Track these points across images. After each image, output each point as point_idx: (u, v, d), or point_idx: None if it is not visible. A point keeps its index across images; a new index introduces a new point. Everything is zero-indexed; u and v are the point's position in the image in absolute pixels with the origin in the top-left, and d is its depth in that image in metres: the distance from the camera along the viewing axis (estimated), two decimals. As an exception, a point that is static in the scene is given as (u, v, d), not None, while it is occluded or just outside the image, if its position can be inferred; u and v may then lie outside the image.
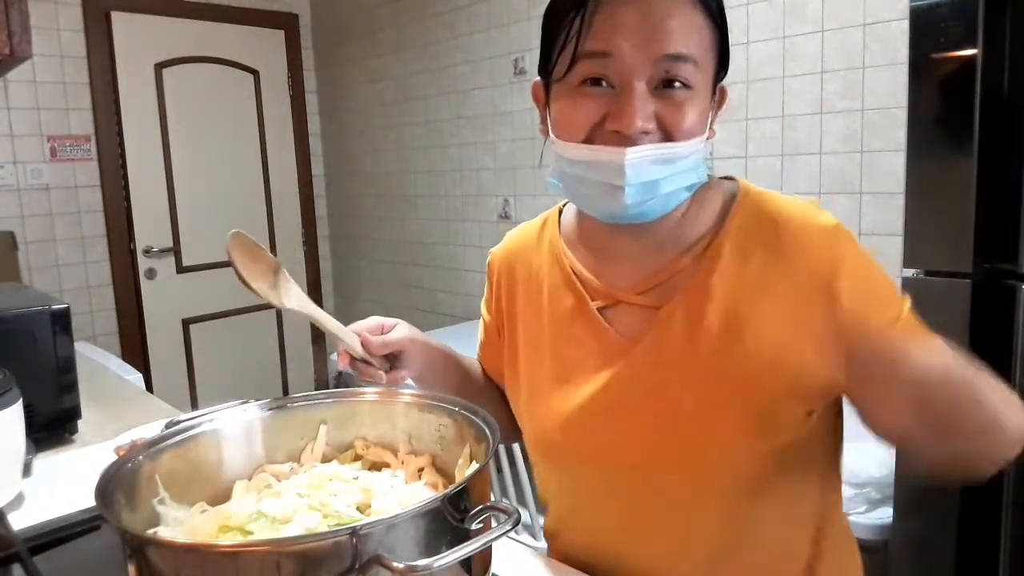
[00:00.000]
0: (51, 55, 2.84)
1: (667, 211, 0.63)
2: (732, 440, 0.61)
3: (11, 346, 1.00)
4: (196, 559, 0.45)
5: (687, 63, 0.57)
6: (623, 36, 0.57)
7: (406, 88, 3.10)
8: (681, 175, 0.60)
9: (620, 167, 0.58)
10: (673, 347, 0.63)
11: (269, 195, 3.47)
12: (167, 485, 0.58)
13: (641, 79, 0.57)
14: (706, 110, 0.61)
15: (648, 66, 0.57)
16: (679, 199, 0.63)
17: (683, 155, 0.59)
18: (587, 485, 0.71)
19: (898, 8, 1.68)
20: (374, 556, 0.42)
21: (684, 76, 0.57)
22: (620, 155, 0.57)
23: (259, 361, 3.47)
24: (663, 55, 0.57)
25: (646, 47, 0.57)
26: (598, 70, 0.59)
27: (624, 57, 0.57)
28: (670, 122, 0.58)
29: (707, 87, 0.60)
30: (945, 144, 1.19)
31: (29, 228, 2.85)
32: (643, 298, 0.66)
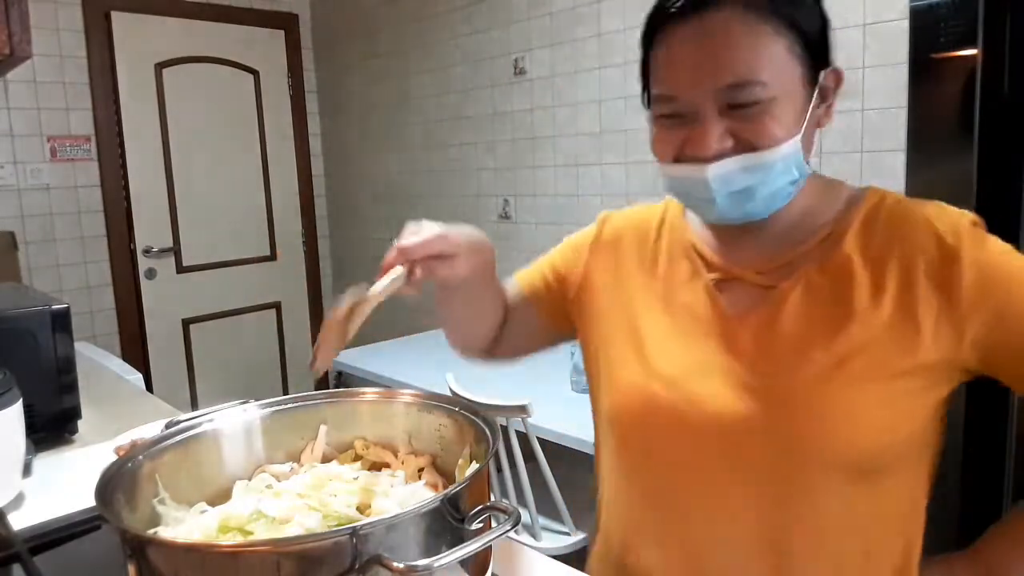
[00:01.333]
0: (51, 55, 2.84)
1: (776, 208, 0.65)
2: (843, 419, 0.61)
3: (11, 346, 1.00)
4: (196, 559, 0.45)
5: (750, 87, 0.59)
6: (682, 76, 0.61)
7: (406, 88, 3.10)
8: (780, 176, 0.62)
9: (705, 181, 0.62)
10: (785, 325, 0.64)
11: (269, 195, 3.47)
12: (167, 485, 0.59)
13: (708, 109, 0.61)
14: (798, 108, 0.62)
15: (710, 98, 0.60)
16: (785, 195, 0.65)
17: (774, 159, 0.61)
18: (672, 466, 0.68)
19: (898, 8, 1.68)
20: (374, 556, 0.42)
21: (750, 98, 0.60)
22: (702, 171, 0.62)
23: (259, 361, 3.47)
24: (722, 87, 0.60)
25: (704, 83, 0.60)
26: (667, 109, 0.64)
27: (685, 96, 0.61)
28: (748, 136, 0.61)
29: (794, 88, 0.61)
30: (945, 144, 1.19)
31: (29, 228, 2.85)
32: (760, 277, 0.68)
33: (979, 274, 0.60)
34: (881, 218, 0.65)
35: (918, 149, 1.21)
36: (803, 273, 0.65)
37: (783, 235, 0.68)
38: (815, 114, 0.64)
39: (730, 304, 0.68)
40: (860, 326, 0.62)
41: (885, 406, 0.61)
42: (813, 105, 0.63)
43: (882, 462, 0.63)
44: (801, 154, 0.63)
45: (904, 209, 0.65)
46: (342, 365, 2.33)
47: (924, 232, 0.62)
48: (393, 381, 2.10)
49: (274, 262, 3.51)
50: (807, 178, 0.66)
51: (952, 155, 1.18)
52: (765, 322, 0.66)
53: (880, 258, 0.63)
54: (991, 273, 0.60)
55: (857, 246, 0.64)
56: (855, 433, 0.61)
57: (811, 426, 0.61)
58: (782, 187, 0.63)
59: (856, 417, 0.61)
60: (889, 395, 0.61)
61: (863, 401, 0.61)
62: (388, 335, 2.88)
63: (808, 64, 0.62)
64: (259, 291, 3.46)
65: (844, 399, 0.61)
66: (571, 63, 2.43)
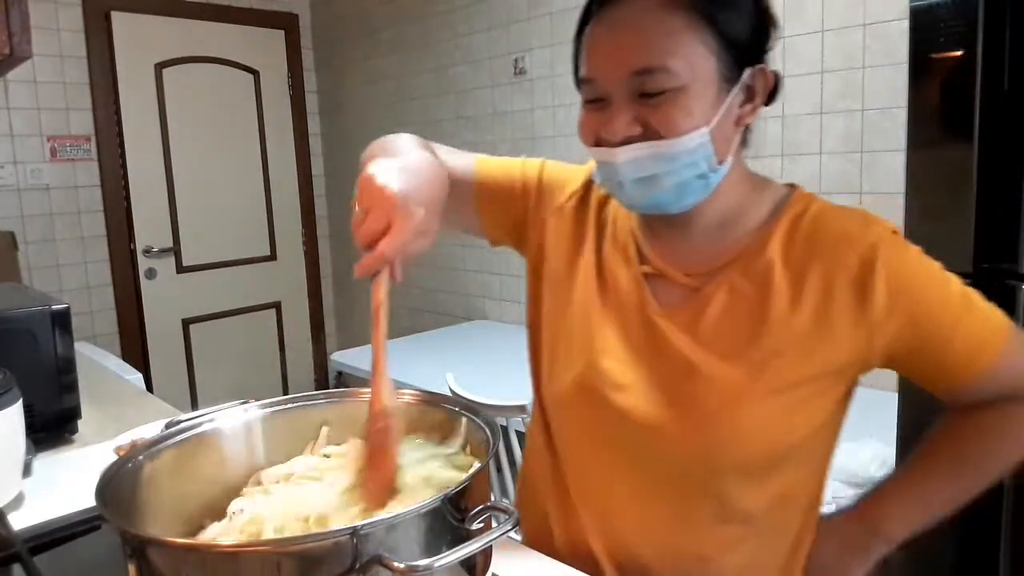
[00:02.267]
0: (51, 55, 2.84)
1: (688, 201, 0.67)
2: (754, 428, 0.65)
3: (11, 346, 1.00)
4: (197, 559, 0.45)
5: (657, 73, 0.62)
6: (599, 60, 0.65)
7: (406, 88, 3.10)
8: (685, 168, 0.64)
9: (615, 166, 0.65)
10: (707, 328, 0.67)
11: (269, 195, 3.47)
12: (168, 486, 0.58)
13: (619, 94, 0.64)
14: (709, 102, 0.63)
15: (621, 83, 0.63)
16: (695, 189, 0.66)
17: (678, 150, 0.62)
18: (598, 454, 0.73)
19: (898, 8, 1.68)
20: (375, 556, 0.42)
21: (657, 86, 0.62)
22: (612, 155, 0.65)
23: (259, 361, 3.47)
24: (629, 72, 0.63)
25: (616, 68, 0.63)
26: (590, 92, 0.67)
27: (601, 80, 0.65)
28: (654, 124, 0.63)
29: (706, 82, 0.63)
30: (945, 144, 1.19)
31: (29, 228, 2.85)
32: (687, 279, 0.70)
33: (894, 282, 0.63)
34: (804, 227, 0.67)
35: (918, 149, 1.21)
36: (727, 278, 0.68)
37: (710, 235, 0.70)
38: (735, 111, 0.65)
39: (658, 300, 0.71)
40: (777, 334, 0.65)
41: (794, 411, 0.65)
42: (734, 103, 0.65)
43: (788, 457, 0.67)
44: (710, 147, 0.64)
45: (827, 218, 0.67)
46: (342, 365, 2.34)
47: (844, 243, 0.65)
48: (393, 381, 2.10)
49: (274, 262, 3.51)
50: (732, 177, 0.68)
51: (952, 155, 1.18)
52: (688, 323, 0.68)
53: (801, 267, 0.65)
54: (905, 281, 0.64)
55: (780, 253, 0.67)
56: (765, 440, 0.65)
57: (723, 436, 0.65)
58: (689, 180, 0.65)
59: (768, 426, 0.65)
60: (799, 400, 0.65)
61: (775, 409, 0.65)
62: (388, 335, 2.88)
63: (727, 61, 0.63)
64: (259, 291, 3.47)
65: (758, 410, 0.65)
66: (571, 63, 2.42)
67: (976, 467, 0.73)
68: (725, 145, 0.65)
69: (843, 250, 0.64)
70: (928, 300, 0.65)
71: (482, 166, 0.82)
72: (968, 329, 0.66)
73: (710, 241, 0.70)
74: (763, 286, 0.66)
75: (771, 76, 0.67)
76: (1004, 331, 0.67)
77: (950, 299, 0.66)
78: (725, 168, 0.66)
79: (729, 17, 0.63)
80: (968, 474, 0.73)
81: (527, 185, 0.81)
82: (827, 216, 0.67)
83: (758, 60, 0.66)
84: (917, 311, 0.64)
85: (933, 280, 0.66)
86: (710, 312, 0.67)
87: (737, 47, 0.64)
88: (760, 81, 0.66)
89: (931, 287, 0.66)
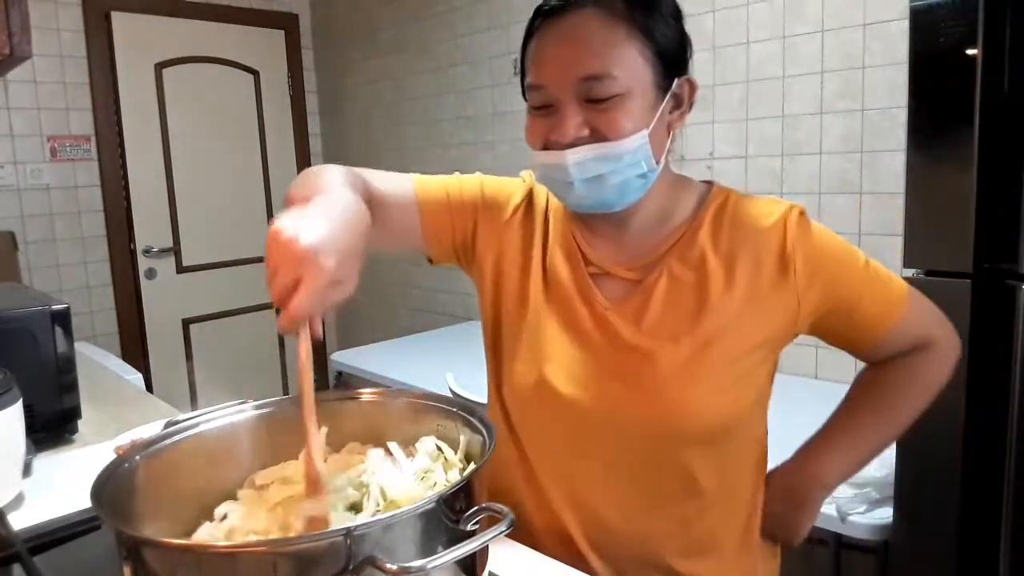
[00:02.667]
0: (51, 55, 2.85)
1: (628, 199, 0.73)
2: (704, 400, 0.71)
3: (11, 346, 1.01)
4: (192, 560, 0.45)
5: (603, 79, 0.67)
6: (548, 68, 0.70)
7: (406, 88, 3.10)
8: (628, 167, 0.70)
9: (565, 167, 0.70)
10: (653, 314, 0.74)
11: (269, 195, 3.47)
12: (165, 486, 0.58)
13: (568, 99, 0.69)
14: (647, 107, 0.70)
15: (570, 89, 0.68)
16: (635, 188, 0.72)
17: (622, 151, 0.69)
18: (562, 444, 0.77)
19: (898, 8, 1.68)
20: (368, 557, 0.42)
21: (603, 92, 0.67)
22: (562, 157, 0.70)
23: (259, 361, 3.47)
24: (578, 78, 0.68)
25: (565, 74, 0.68)
26: (539, 99, 0.72)
27: (550, 86, 0.70)
28: (601, 127, 0.68)
29: (644, 88, 0.69)
30: (945, 144, 1.19)
31: (29, 228, 2.86)
32: (630, 273, 0.77)
33: (809, 256, 0.73)
34: (727, 215, 0.76)
35: (918, 149, 1.21)
36: (666, 267, 0.75)
37: (645, 231, 0.77)
38: (666, 117, 0.72)
39: (605, 297, 0.77)
40: (717, 313, 0.72)
41: (738, 381, 0.73)
42: (665, 108, 0.71)
43: (736, 425, 0.75)
44: (649, 149, 0.70)
45: (746, 206, 0.76)
46: (342, 365, 2.34)
47: (764, 227, 0.74)
48: (393, 381, 2.10)
49: (274, 262, 3.51)
50: (664, 177, 0.75)
51: (952, 155, 1.18)
52: (635, 313, 0.75)
53: (729, 250, 0.74)
54: (818, 254, 0.74)
55: (709, 240, 0.75)
56: (716, 411, 0.72)
57: (679, 410, 0.71)
58: (631, 179, 0.71)
59: (717, 397, 0.72)
60: (741, 371, 0.73)
61: (723, 381, 0.72)
62: (388, 335, 2.88)
63: (660, 70, 0.70)
64: (259, 291, 3.46)
65: (707, 384, 0.72)
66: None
67: (892, 414, 0.83)
68: (660, 147, 0.72)
69: (764, 232, 0.73)
70: (838, 268, 0.75)
71: (422, 188, 0.83)
72: (875, 293, 0.76)
73: (646, 236, 0.77)
74: (699, 271, 0.74)
75: (694, 84, 0.74)
76: (904, 293, 0.78)
77: (856, 266, 0.76)
78: (659, 169, 0.73)
79: (661, 30, 0.70)
80: (886, 420, 0.84)
81: (470, 203, 0.84)
82: (745, 204, 0.76)
83: (684, 70, 0.73)
84: (831, 278, 0.74)
85: (842, 252, 0.76)
86: (654, 301, 0.74)
87: (667, 58, 0.70)
88: (686, 89, 0.73)
89: (840, 258, 0.76)
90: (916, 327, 0.80)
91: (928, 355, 0.82)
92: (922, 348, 0.81)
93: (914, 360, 0.82)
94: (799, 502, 0.84)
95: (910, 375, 0.82)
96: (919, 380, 0.83)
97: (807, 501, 0.84)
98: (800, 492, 0.84)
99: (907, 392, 0.83)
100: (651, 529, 0.76)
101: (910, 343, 0.81)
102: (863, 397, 0.85)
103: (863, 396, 0.85)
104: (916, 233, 1.19)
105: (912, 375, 0.82)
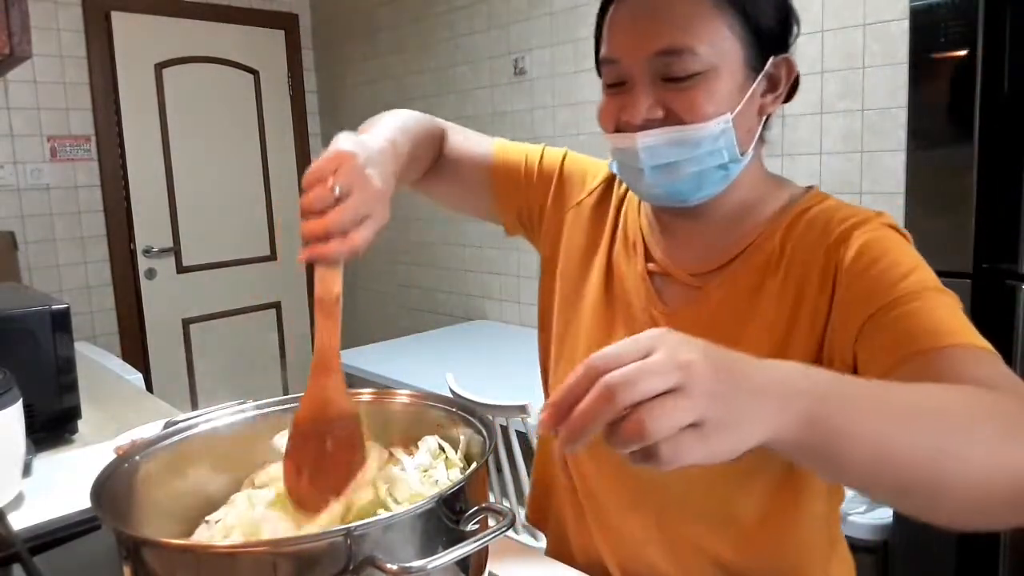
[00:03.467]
0: (51, 55, 2.85)
1: (705, 192, 0.64)
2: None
3: (11, 346, 1.00)
4: (191, 560, 0.45)
5: (683, 55, 0.59)
6: (623, 41, 0.63)
7: (406, 88, 3.10)
8: (707, 156, 0.62)
9: (635, 151, 0.62)
10: (707, 328, 0.64)
11: (269, 195, 3.47)
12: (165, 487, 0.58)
13: (642, 76, 0.62)
14: (734, 89, 0.61)
15: (645, 64, 0.61)
16: (714, 180, 0.64)
17: (699, 136, 0.60)
18: (608, 490, 0.71)
19: (898, 8, 1.68)
20: (368, 557, 0.42)
21: (681, 68, 0.60)
22: (632, 140, 0.62)
23: (259, 361, 3.47)
24: (653, 53, 0.60)
25: (639, 48, 0.61)
26: (612, 75, 0.64)
27: (623, 60, 0.62)
28: (677, 109, 0.61)
29: (732, 67, 0.61)
30: (945, 144, 1.19)
31: (29, 228, 2.86)
32: (692, 279, 0.68)
33: (858, 250, 0.59)
34: (804, 221, 0.64)
35: (918, 149, 1.21)
36: (728, 275, 0.66)
37: (720, 230, 0.68)
38: (758, 100, 0.63)
39: (663, 299, 0.70)
40: (768, 333, 0.62)
41: None
42: (757, 91, 0.63)
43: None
44: (733, 136, 0.61)
45: (828, 213, 0.64)
46: (342, 365, 2.33)
47: (827, 239, 0.61)
48: (393, 381, 2.10)
49: (274, 262, 3.51)
50: (750, 172, 0.66)
51: (952, 155, 1.18)
52: (692, 325, 0.65)
53: (789, 265, 0.63)
54: (867, 251, 0.59)
55: (778, 246, 0.65)
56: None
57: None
58: (709, 169, 0.62)
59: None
60: None
61: None
62: (388, 335, 2.88)
63: (754, 48, 0.61)
64: (259, 291, 3.47)
65: None
66: (571, 63, 2.43)
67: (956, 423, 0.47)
68: (748, 135, 0.63)
69: (822, 243, 0.62)
70: (879, 272, 0.58)
71: (502, 151, 0.80)
72: (915, 314, 0.55)
73: (719, 237, 0.68)
74: (757, 286, 0.65)
75: (794, 66, 0.64)
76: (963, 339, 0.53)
77: (905, 278, 0.57)
78: (745, 160, 0.64)
79: (756, 2, 0.62)
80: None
81: (547, 174, 0.79)
82: (830, 210, 0.64)
83: (782, 49, 0.64)
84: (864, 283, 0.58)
85: (898, 258, 0.59)
86: (707, 311, 0.66)
87: (763, 34, 0.62)
88: (784, 71, 0.64)
89: (890, 263, 0.58)
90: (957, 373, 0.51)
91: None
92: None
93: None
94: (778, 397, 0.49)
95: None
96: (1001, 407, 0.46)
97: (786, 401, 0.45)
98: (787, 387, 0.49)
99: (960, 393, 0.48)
100: (700, 568, 0.68)
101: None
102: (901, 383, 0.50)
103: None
104: (916, 233, 1.19)
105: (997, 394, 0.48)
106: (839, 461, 0.40)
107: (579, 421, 0.35)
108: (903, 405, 0.42)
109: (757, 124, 0.64)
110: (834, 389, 0.40)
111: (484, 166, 0.79)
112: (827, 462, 0.41)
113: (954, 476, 0.41)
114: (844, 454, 0.40)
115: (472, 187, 0.79)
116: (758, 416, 0.37)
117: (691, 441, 0.35)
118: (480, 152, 0.79)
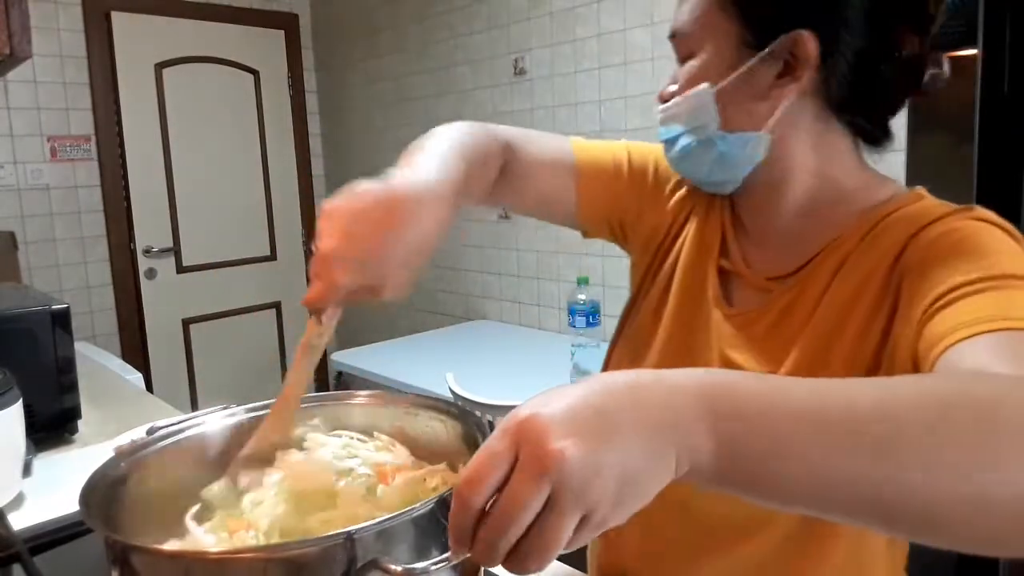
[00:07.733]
0: (51, 55, 2.85)
1: (721, 175, 0.64)
2: None
3: (11, 346, 1.01)
4: (181, 567, 0.44)
5: (683, 38, 0.63)
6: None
7: (406, 88, 3.10)
8: (695, 129, 0.63)
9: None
10: (769, 336, 0.62)
11: (269, 195, 3.47)
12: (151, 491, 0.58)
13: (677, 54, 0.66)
14: (720, 66, 0.60)
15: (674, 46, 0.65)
16: (711, 157, 0.63)
17: (680, 109, 0.63)
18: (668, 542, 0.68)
19: (898, 8, 1.68)
20: (371, 560, 0.41)
21: (684, 50, 0.64)
22: (657, 117, 0.67)
23: (259, 361, 3.47)
24: (670, 36, 0.65)
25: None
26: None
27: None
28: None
29: (720, 45, 0.60)
30: (945, 144, 1.19)
31: (29, 228, 2.86)
32: (764, 283, 0.65)
33: (921, 246, 0.54)
34: (886, 224, 0.58)
35: (918, 149, 1.21)
36: (799, 281, 0.62)
37: (794, 231, 0.64)
38: (763, 80, 0.59)
39: (729, 299, 0.67)
40: (837, 342, 0.58)
41: None
42: (759, 70, 0.59)
43: None
44: (712, 108, 0.60)
45: (911, 214, 0.58)
46: (342, 365, 2.34)
47: (902, 237, 0.56)
48: (393, 381, 2.10)
49: (274, 262, 3.51)
50: (810, 163, 0.62)
51: (952, 155, 1.18)
52: (752, 325, 0.64)
53: (858, 266, 0.58)
54: (929, 244, 0.54)
55: (852, 247, 0.60)
56: None
57: None
58: (702, 146, 0.63)
59: None
60: None
61: None
62: (388, 335, 2.88)
63: (748, 24, 0.59)
64: (259, 291, 3.47)
65: None
66: (571, 63, 2.43)
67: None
68: (745, 115, 0.60)
69: (901, 239, 0.56)
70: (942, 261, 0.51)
71: (583, 153, 0.76)
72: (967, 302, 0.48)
73: (793, 235, 0.64)
74: (826, 285, 0.60)
75: (810, 43, 0.56)
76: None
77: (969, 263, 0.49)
78: (750, 141, 0.60)
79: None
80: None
81: (639, 174, 0.76)
82: (920, 208, 0.58)
83: (795, 25, 0.57)
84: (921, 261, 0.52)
85: (971, 245, 0.51)
86: (769, 318, 0.62)
87: (760, 9, 0.58)
88: (801, 49, 0.57)
89: (958, 252, 0.51)
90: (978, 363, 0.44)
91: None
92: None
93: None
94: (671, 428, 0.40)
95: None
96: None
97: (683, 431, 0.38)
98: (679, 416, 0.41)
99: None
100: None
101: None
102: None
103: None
104: (916, 233, 1.19)
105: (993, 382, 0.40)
106: (769, 486, 0.35)
107: (483, 558, 0.34)
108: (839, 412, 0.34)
109: (766, 106, 0.59)
110: (751, 405, 0.34)
111: (564, 171, 0.75)
112: (754, 489, 0.35)
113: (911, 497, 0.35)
114: (772, 476, 0.34)
115: (550, 194, 0.76)
116: (654, 462, 0.33)
117: (586, 535, 0.33)
118: (558, 156, 0.76)
